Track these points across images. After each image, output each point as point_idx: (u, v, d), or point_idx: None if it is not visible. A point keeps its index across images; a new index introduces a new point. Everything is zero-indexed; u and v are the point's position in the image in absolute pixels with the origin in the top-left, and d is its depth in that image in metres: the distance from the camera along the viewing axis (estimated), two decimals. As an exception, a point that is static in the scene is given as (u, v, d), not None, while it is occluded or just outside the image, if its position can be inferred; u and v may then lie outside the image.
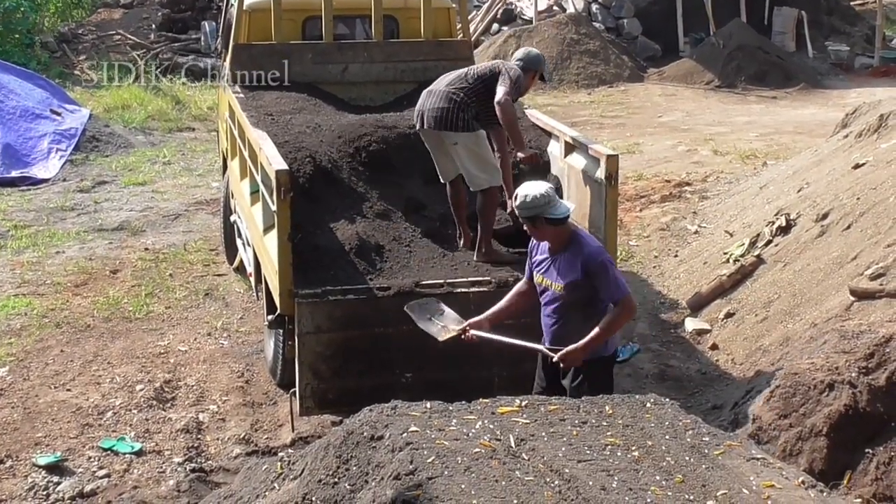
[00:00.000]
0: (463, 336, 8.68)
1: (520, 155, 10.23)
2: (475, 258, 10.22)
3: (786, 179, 15.56)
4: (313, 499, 6.47)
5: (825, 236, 12.44)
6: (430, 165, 11.14)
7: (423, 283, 9.63)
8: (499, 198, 10.51)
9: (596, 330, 8.15)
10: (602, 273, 8.14)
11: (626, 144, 21.08)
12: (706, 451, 6.45)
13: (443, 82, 10.36)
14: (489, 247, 10.24)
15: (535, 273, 8.57)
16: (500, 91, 9.99)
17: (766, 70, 28.65)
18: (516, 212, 8.41)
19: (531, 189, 8.24)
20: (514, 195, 8.43)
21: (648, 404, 7.10)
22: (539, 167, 10.95)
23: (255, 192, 10.93)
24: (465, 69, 10.47)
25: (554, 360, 8.26)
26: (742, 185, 16.84)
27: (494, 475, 5.90)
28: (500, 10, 32.15)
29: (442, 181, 10.56)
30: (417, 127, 10.45)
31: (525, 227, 8.48)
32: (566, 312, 8.35)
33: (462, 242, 10.54)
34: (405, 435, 6.34)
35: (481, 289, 9.66)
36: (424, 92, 10.47)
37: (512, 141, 10.20)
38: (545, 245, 8.44)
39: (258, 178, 10.46)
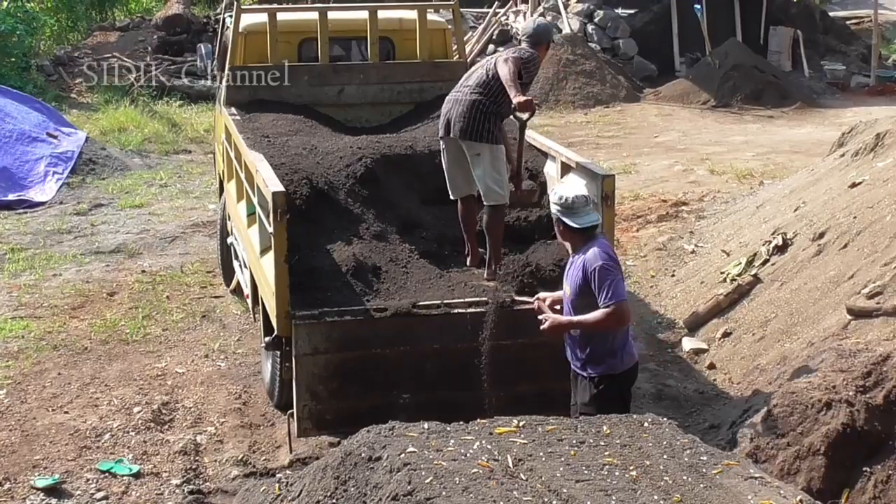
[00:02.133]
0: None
1: (515, 100, 10.05)
2: (485, 277, 10.19)
3: (782, 198, 15.57)
4: (311, 520, 6.47)
5: (822, 255, 12.44)
6: (426, 186, 11.17)
7: (420, 303, 9.62)
8: (506, 215, 10.50)
9: (586, 316, 8.19)
10: (597, 277, 8.11)
11: (622, 164, 21.10)
12: (704, 470, 6.45)
13: (466, 88, 10.27)
14: (500, 265, 10.21)
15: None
16: (503, 56, 10.04)
17: (762, 89, 28.69)
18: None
19: (565, 189, 8.37)
20: (553, 189, 8.48)
21: (646, 424, 7.10)
22: (532, 114, 10.83)
23: (251, 214, 10.93)
24: (483, 71, 10.30)
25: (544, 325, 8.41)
26: (739, 205, 16.85)
27: (492, 495, 5.90)
28: (496, 31, 32.20)
29: (452, 197, 10.51)
30: (441, 134, 10.39)
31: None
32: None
33: (469, 260, 10.52)
34: (403, 456, 6.35)
35: (478, 309, 9.65)
36: (448, 99, 10.41)
37: (508, 91, 10.04)
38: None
39: (255, 200, 10.47)
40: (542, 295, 8.89)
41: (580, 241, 8.34)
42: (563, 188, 8.41)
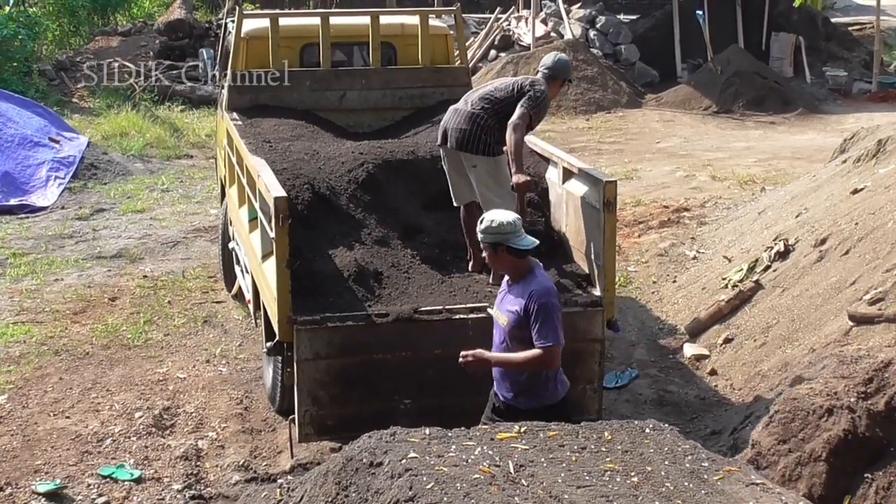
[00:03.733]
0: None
1: (515, 179, 10.17)
2: (491, 281, 10.20)
3: (784, 205, 15.57)
4: (312, 526, 6.47)
5: (824, 261, 12.44)
6: (428, 191, 11.16)
7: (422, 309, 9.62)
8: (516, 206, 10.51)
9: (515, 355, 8.08)
10: (540, 314, 7.95)
11: (624, 170, 21.09)
12: (705, 476, 6.44)
13: (469, 101, 10.34)
14: None
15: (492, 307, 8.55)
16: (517, 113, 10.00)
17: (764, 95, 28.68)
18: (478, 236, 8.26)
19: (500, 216, 8.14)
20: (482, 219, 8.26)
21: (647, 430, 7.10)
22: (534, 195, 10.96)
23: (253, 219, 10.93)
24: (492, 88, 10.40)
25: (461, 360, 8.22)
26: (740, 211, 16.85)
27: (494, 501, 5.89)
28: (498, 37, 32.23)
29: (455, 204, 10.56)
30: (439, 143, 10.45)
31: (485, 253, 8.37)
32: (510, 350, 8.22)
33: (472, 266, 10.52)
34: (404, 461, 6.34)
35: (480, 315, 9.64)
36: (450, 109, 10.46)
37: (511, 164, 10.18)
38: (506, 279, 8.36)
39: (256, 205, 10.47)
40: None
41: (524, 266, 8.18)
42: (498, 214, 8.20)
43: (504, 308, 8.21)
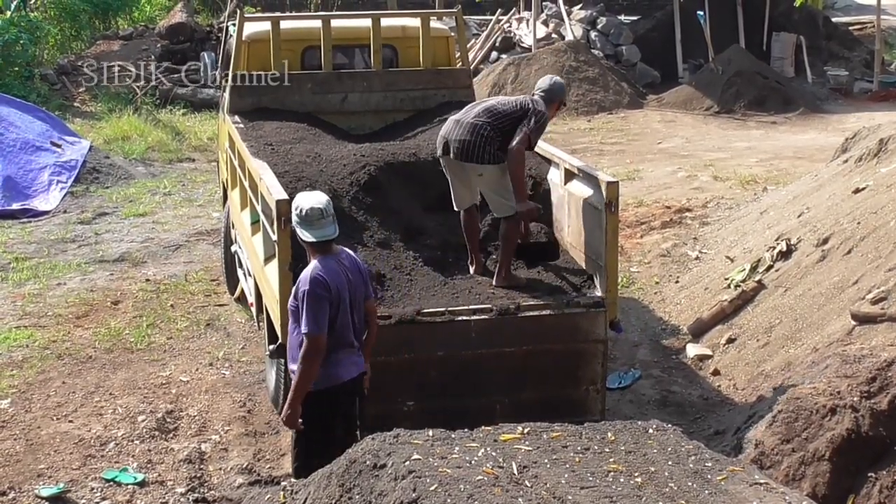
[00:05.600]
0: None
1: (519, 208, 10.20)
2: (494, 282, 10.21)
3: (786, 204, 15.57)
4: (316, 528, 6.47)
5: (826, 261, 12.44)
6: (429, 193, 11.17)
7: (425, 311, 9.63)
8: (520, 224, 10.52)
9: (294, 379, 8.21)
10: (301, 302, 8.14)
11: (626, 171, 21.09)
12: (709, 476, 6.45)
13: (471, 113, 10.35)
14: (508, 272, 10.23)
15: None
16: (517, 138, 10.02)
17: (765, 95, 28.66)
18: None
19: (303, 200, 8.31)
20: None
21: (651, 430, 7.10)
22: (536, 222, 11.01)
23: (255, 222, 10.94)
24: (496, 102, 10.42)
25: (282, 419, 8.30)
26: (742, 211, 16.85)
27: (497, 502, 5.90)
28: (499, 39, 32.23)
29: (455, 209, 10.58)
30: (440, 153, 10.45)
31: None
32: (293, 334, 8.44)
33: (473, 269, 10.54)
34: (408, 463, 6.34)
35: (483, 316, 9.66)
36: (450, 120, 10.45)
37: (514, 191, 10.18)
38: None
39: (259, 208, 10.48)
40: None
41: (313, 252, 8.31)
42: (302, 199, 8.30)
43: None
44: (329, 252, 8.31)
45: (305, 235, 8.23)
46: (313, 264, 8.27)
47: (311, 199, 8.31)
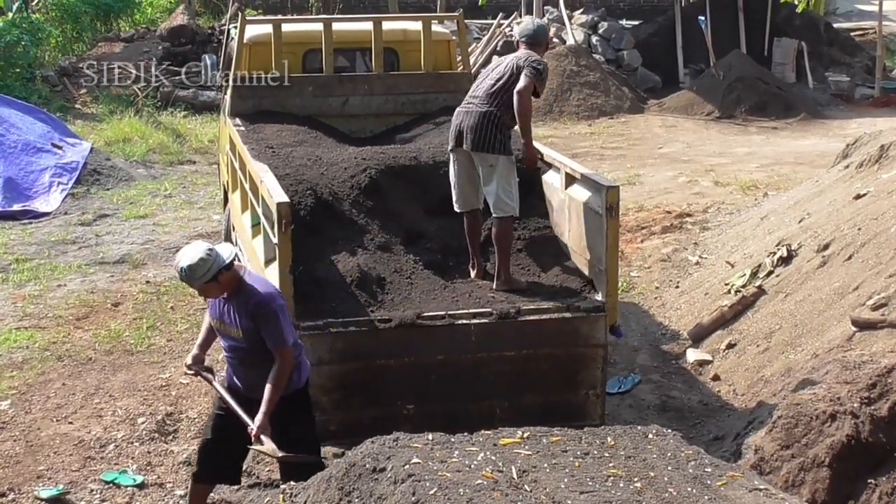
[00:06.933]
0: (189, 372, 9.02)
1: (527, 152, 10.23)
2: (494, 286, 10.20)
3: (787, 210, 15.57)
4: (315, 531, 6.47)
5: (826, 267, 12.44)
6: (430, 197, 11.17)
7: (425, 314, 9.62)
8: (514, 227, 10.53)
9: (268, 389, 8.15)
10: (268, 321, 8.13)
11: (626, 176, 21.10)
12: (708, 482, 6.45)
13: (474, 97, 10.35)
14: (508, 275, 10.22)
15: (211, 318, 8.62)
16: (522, 81, 10.02)
17: (766, 101, 28.64)
18: (193, 284, 8.23)
19: (195, 252, 8.15)
20: (178, 266, 8.18)
21: (650, 435, 7.10)
22: (536, 172, 10.99)
23: (256, 224, 10.93)
24: (491, 79, 10.33)
25: (253, 433, 8.18)
26: (743, 216, 16.85)
27: (497, 507, 5.90)
28: (500, 42, 32.19)
29: (457, 210, 10.56)
30: (452, 146, 10.43)
31: (200, 293, 8.48)
32: (249, 358, 8.37)
33: (474, 273, 10.53)
34: (407, 467, 6.34)
35: (482, 320, 9.65)
36: (459, 112, 10.44)
37: (521, 133, 10.17)
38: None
39: (259, 211, 10.47)
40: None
41: (234, 278, 8.29)
42: (193, 254, 8.12)
43: (233, 322, 8.32)
44: (242, 271, 8.41)
45: (229, 258, 8.25)
46: (256, 280, 8.45)
47: (198, 247, 8.25)
